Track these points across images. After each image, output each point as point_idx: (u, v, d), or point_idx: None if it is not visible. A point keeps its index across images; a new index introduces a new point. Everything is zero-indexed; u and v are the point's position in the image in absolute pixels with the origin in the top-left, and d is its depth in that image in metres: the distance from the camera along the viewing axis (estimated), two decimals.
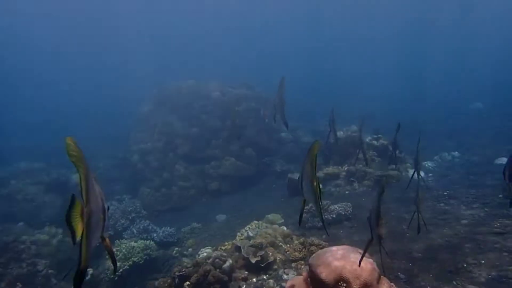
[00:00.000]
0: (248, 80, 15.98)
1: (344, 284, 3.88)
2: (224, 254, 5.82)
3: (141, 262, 7.44)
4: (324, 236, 7.08)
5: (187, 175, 12.96)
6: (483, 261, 4.82)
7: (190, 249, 8.57)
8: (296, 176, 10.58)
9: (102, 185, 1.74)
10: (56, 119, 25.72)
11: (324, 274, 3.96)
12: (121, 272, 7.25)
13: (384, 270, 3.26)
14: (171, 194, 12.60)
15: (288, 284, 4.26)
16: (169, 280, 5.33)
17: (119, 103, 21.62)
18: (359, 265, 3.55)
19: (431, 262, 5.08)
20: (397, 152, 6.75)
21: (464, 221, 6.26)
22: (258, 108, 14.88)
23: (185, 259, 7.78)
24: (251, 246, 6.09)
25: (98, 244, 1.70)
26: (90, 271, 7.60)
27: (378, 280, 3.96)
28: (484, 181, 8.32)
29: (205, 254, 6.38)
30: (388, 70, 39.59)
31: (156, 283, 5.33)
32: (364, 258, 3.98)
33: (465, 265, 4.81)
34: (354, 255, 4.04)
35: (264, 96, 15.95)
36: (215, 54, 37.95)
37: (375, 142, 10.34)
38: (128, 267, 7.29)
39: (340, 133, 11.09)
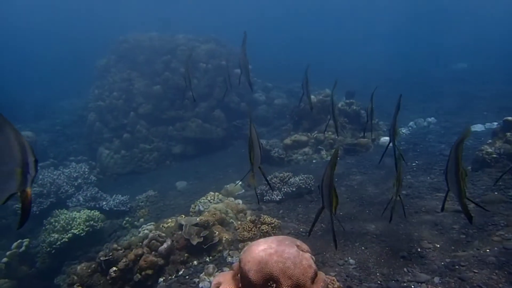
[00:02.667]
0: (219, 35, 14.73)
1: (274, 285, 3.28)
2: (163, 234, 5.18)
3: (82, 235, 6.78)
4: (281, 211, 6.55)
5: (149, 136, 12.09)
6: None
7: (141, 219, 7.94)
8: (262, 142, 9.87)
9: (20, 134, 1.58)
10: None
11: (252, 272, 3.34)
12: (58, 245, 6.58)
13: (336, 246, 2.88)
14: (132, 157, 11.80)
15: (215, 280, 3.64)
16: (93, 265, 4.69)
17: (83, 55, 20.00)
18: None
19: (385, 245, 4.57)
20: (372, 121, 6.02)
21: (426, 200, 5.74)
22: (231, 66, 13.83)
23: (133, 231, 7.18)
24: (195, 225, 5.46)
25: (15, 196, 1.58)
26: (25, 242, 6.93)
27: (314, 279, 3.38)
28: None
29: (146, 231, 5.74)
30: (379, 33, 38.13)
31: (78, 268, 4.68)
32: (301, 253, 3.35)
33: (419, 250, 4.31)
34: (289, 250, 3.40)
35: (237, 53, 14.85)
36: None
37: (347, 108, 9.62)
38: (66, 240, 6.62)
39: (311, 97, 10.29)
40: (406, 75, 20.95)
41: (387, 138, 9.13)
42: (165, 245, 4.98)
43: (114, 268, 4.52)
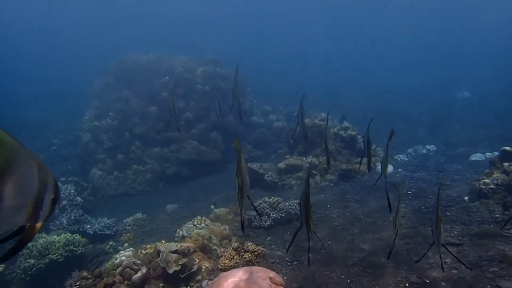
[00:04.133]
0: (219, 57, 14.77)
1: None
2: (138, 261, 4.88)
3: (60, 260, 6.46)
4: (269, 238, 6.24)
5: (143, 157, 11.90)
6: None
7: (126, 244, 7.63)
8: (255, 165, 9.65)
9: (47, 170, 1.56)
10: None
11: None
12: (34, 271, 6.27)
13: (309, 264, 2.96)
14: (125, 178, 11.57)
15: None
16: None
17: (82, 76, 20.22)
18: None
19: (371, 279, 4.24)
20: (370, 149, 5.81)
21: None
22: (229, 88, 13.80)
23: (116, 257, 6.86)
24: (175, 251, 5.17)
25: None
26: None
27: None
28: (453, 180, 7.50)
29: (123, 257, 5.44)
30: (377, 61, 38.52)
31: None
32: (273, 286, 3.07)
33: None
34: (260, 283, 3.13)
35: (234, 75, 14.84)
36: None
37: (342, 133, 9.41)
38: (43, 266, 6.31)
39: (306, 121, 10.13)
40: (408, 99, 20.82)
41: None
42: (139, 274, 4.68)
43: None
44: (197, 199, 10.01)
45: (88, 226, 7.78)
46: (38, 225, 1.56)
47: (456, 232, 5.08)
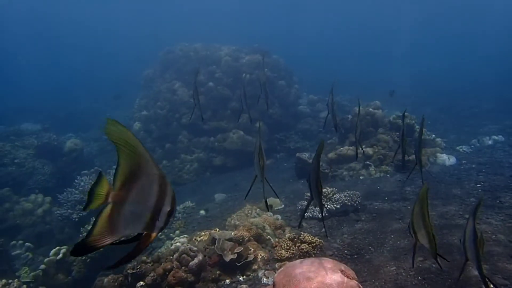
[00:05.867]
0: (265, 45, 14.52)
1: None
2: (194, 248, 4.80)
3: (116, 242, 6.58)
4: (323, 230, 5.96)
5: (191, 147, 11.99)
6: None
7: (177, 231, 7.66)
8: (304, 155, 9.37)
9: (167, 182, 1.55)
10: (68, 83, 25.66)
11: None
12: (94, 253, 6.43)
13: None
14: (173, 167, 11.73)
15: None
16: (120, 278, 4.40)
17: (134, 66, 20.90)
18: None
19: (439, 272, 3.84)
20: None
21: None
22: (274, 77, 13.55)
23: (168, 244, 6.90)
24: (229, 239, 5.04)
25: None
26: (62, 249, 6.87)
27: None
28: None
29: (178, 244, 5.40)
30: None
31: (105, 280, 4.41)
32: (346, 280, 2.82)
33: None
34: (331, 276, 2.88)
35: (282, 63, 14.54)
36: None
37: (399, 121, 8.85)
38: (102, 249, 6.45)
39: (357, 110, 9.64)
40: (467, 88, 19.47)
41: (445, 156, 8.24)
42: (196, 260, 4.59)
43: (142, 283, 4.20)
44: (243, 189, 9.91)
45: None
46: (153, 235, 1.57)
47: None
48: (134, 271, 4.26)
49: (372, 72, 25.27)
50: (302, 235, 5.18)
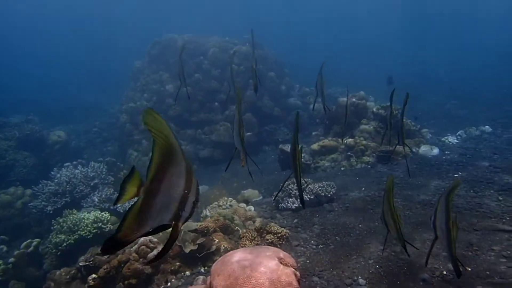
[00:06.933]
0: (257, 37, 14.31)
1: None
2: (155, 240, 4.69)
3: (89, 236, 6.48)
4: (295, 221, 5.85)
5: (177, 139, 11.87)
6: None
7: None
8: (287, 147, 9.22)
9: (193, 172, 1.58)
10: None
11: None
12: (64, 246, 6.36)
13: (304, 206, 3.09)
14: None
15: None
16: (72, 271, 4.31)
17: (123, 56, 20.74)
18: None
19: (403, 264, 3.72)
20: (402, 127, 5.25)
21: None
22: (265, 69, 13.37)
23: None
24: (194, 231, 4.94)
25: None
26: (34, 242, 6.82)
27: None
28: (510, 165, 6.59)
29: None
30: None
31: (57, 273, 4.32)
32: (282, 267, 2.71)
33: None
34: (267, 263, 2.77)
35: (272, 56, 14.35)
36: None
37: (382, 112, 8.66)
38: (72, 242, 6.36)
39: (342, 99, 9.49)
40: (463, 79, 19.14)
41: (428, 147, 8.08)
42: (155, 252, 4.49)
43: (94, 276, 4.10)
44: (230, 181, 9.81)
45: (119, 205, 7.79)
46: (180, 224, 1.58)
47: (508, 218, 4.39)
48: (87, 263, 4.17)
49: (369, 64, 24.96)
50: (268, 226, 5.08)
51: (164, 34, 13.25)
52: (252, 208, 6.33)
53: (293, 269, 2.82)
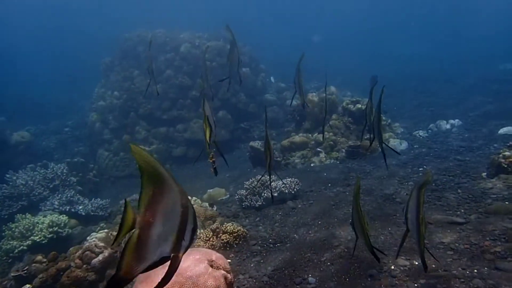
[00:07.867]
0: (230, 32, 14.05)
1: None
2: (101, 244, 4.45)
3: (44, 242, 6.21)
4: (258, 219, 5.68)
5: (149, 138, 11.59)
6: None
7: (102, 224, 7.29)
8: (257, 143, 9.06)
9: (188, 198, 1.56)
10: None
11: None
12: (16, 253, 6.06)
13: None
14: (131, 159, 11.33)
15: None
16: (5, 282, 4.04)
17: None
18: None
19: (353, 261, 3.60)
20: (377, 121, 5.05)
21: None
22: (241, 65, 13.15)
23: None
24: None
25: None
26: None
27: None
28: (475, 157, 6.55)
29: (93, 240, 5.06)
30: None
31: None
32: (211, 270, 2.55)
33: None
34: (194, 267, 2.61)
35: (247, 51, 14.12)
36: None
37: (351, 107, 8.56)
38: (25, 248, 6.08)
39: (313, 95, 9.35)
40: (437, 73, 19.15)
41: (397, 141, 8.01)
42: (100, 257, 4.24)
43: (28, 286, 3.83)
44: (201, 180, 9.59)
45: (81, 207, 7.52)
46: (180, 255, 1.54)
47: (463, 210, 4.32)
48: (19, 273, 3.90)
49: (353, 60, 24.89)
50: (224, 226, 4.89)
51: (136, 29, 12.88)
52: (214, 207, 6.14)
53: (223, 272, 2.66)
